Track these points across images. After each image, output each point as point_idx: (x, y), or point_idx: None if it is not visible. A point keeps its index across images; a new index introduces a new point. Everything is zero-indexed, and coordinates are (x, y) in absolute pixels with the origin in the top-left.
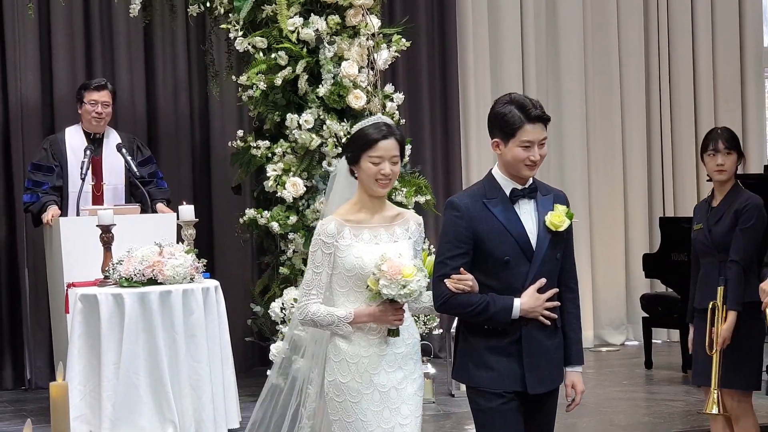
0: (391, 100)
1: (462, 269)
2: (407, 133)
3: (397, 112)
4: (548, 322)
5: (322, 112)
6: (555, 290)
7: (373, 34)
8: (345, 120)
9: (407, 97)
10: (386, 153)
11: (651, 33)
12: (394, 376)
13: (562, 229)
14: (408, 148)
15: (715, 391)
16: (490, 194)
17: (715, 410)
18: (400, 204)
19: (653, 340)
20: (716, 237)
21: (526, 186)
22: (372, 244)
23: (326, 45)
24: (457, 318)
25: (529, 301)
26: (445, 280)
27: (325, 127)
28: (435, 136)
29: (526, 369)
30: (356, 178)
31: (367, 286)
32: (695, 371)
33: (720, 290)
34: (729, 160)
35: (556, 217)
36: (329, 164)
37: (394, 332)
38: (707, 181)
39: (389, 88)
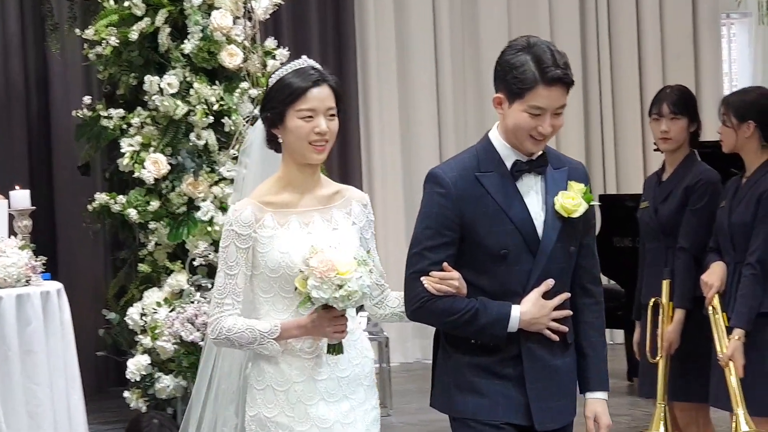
0: (274, 57)
1: (446, 264)
2: None
3: None
4: (556, 337)
5: (189, 74)
6: (566, 295)
7: None
8: (217, 83)
9: (293, 53)
10: (320, 104)
11: None
12: (338, 407)
13: (576, 215)
14: None
15: (662, 405)
16: (484, 166)
17: (662, 429)
18: None
19: None
20: (663, 218)
21: (533, 158)
22: (303, 233)
23: None
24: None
25: (531, 309)
26: (422, 278)
27: (192, 91)
28: None
29: (531, 398)
30: (277, 150)
31: (295, 288)
32: (641, 380)
33: (665, 284)
34: (676, 126)
35: (569, 199)
36: (198, 137)
37: (335, 349)
38: (654, 150)
39: (271, 42)
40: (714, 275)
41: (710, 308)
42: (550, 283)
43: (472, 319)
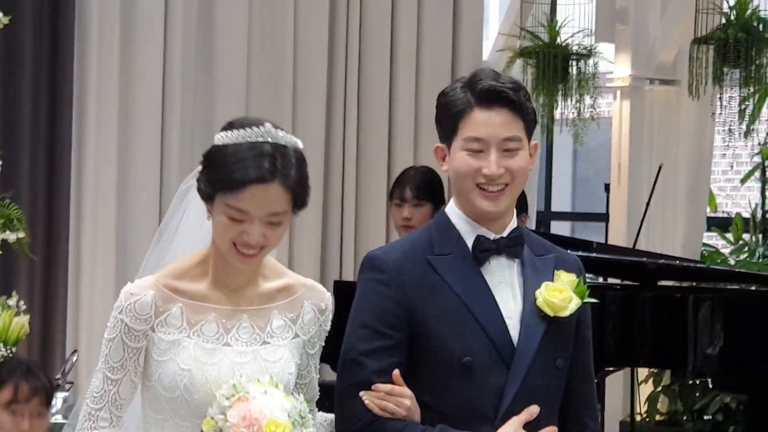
0: None
1: (396, 373)
2: None
3: None
4: None
5: None
6: (552, 429)
7: None
8: None
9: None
10: (258, 208)
11: (338, 33)
12: None
13: (565, 314)
14: None
15: None
16: (439, 247)
17: None
18: None
19: None
20: None
21: (504, 235)
22: (218, 344)
23: None
24: None
25: None
26: (361, 393)
27: None
28: (37, 147)
29: None
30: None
31: (201, 430)
32: None
33: None
34: (419, 212)
35: (556, 292)
36: None
37: None
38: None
39: None
40: None
41: None
42: (534, 410)
43: None
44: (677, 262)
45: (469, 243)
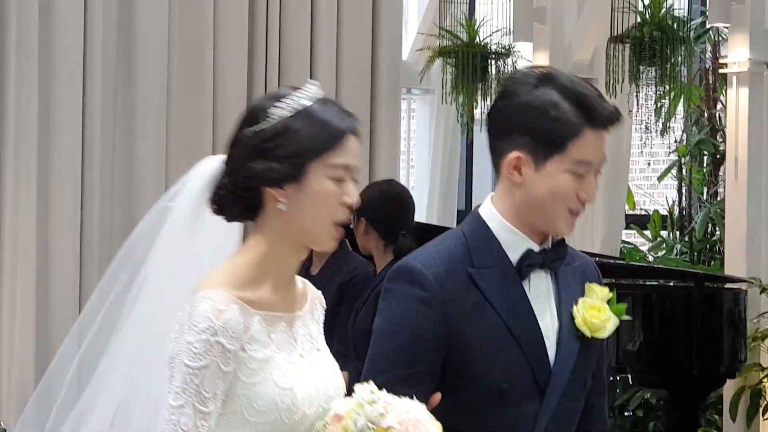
0: None
1: (437, 397)
2: None
3: None
4: None
5: None
6: None
7: None
8: None
9: None
10: (355, 162)
11: (257, 35)
12: None
13: (602, 335)
14: None
15: None
16: (479, 259)
17: None
18: None
19: None
20: None
21: (550, 246)
22: (294, 355)
23: None
24: None
25: None
26: None
27: None
28: None
29: None
30: (240, 217)
31: None
32: None
33: None
34: None
35: (594, 311)
36: None
37: None
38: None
39: None
40: None
41: None
42: None
43: None
44: (596, 258)
45: (511, 255)
